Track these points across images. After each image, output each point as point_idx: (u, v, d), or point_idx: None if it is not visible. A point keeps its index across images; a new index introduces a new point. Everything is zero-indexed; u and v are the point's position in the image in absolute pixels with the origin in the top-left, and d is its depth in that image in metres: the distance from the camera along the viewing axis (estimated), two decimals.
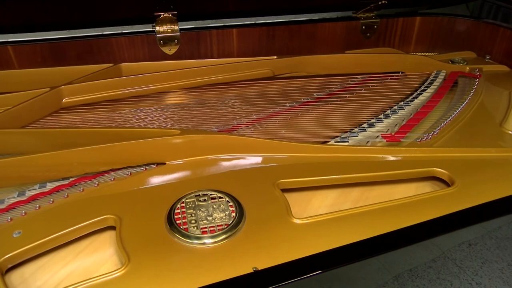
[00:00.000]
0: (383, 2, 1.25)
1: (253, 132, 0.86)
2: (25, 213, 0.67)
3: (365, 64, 1.10)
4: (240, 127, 0.88)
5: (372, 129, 0.88)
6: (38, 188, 0.72)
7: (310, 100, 0.99)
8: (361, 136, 0.85)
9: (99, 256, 0.64)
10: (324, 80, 1.07)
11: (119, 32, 1.17)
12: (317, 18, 1.33)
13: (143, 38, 1.16)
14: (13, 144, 0.80)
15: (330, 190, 0.76)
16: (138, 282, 0.57)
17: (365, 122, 0.90)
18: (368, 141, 0.84)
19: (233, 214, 0.66)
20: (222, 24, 1.18)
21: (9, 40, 1.11)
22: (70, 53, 1.13)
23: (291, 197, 0.72)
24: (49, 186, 0.73)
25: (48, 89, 0.93)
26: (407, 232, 0.61)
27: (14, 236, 0.63)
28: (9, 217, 0.66)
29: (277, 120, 0.91)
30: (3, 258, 0.59)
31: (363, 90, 1.04)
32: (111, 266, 0.62)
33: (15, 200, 0.70)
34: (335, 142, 0.83)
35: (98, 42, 1.14)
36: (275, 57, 1.07)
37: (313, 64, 1.10)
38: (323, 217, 0.66)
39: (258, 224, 0.65)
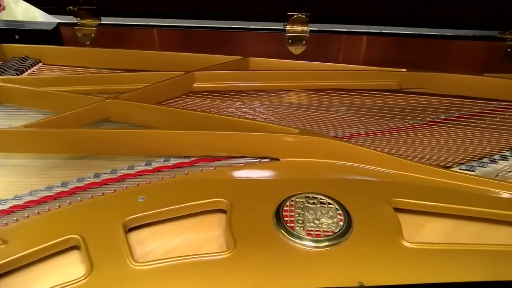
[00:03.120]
0: None
1: (370, 144, 0.84)
2: (149, 181, 0.74)
3: (505, 90, 1.00)
4: (357, 137, 0.86)
5: (505, 163, 0.79)
6: (163, 162, 0.79)
7: (436, 120, 0.93)
8: (490, 168, 0.78)
9: (205, 235, 0.68)
10: (454, 101, 1.00)
11: (251, 27, 1.22)
12: (450, 34, 1.24)
13: (272, 35, 1.19)
14: (145, 117, 0.88)
15: (446, 219, 0.70)
16: (239, 268, 0.59)
17: (497, 154, 0.82)
18: (497, 175, 0.77)
19: (341, 223, 0.65)
20: (354, 30, 1.16)
21: (155, 24, 1.22)
22: (204, 42, 1.22)
23: (403, 218, 0.68)
24: (172, 161, 0.79)
25: (182, 72, 1.00)
26: None
27: (139, 200, 0.69)
28: (136, 183, 0.73)
29: (398, 136, 0.87)
30: (128, 218, 0.65)
31: (498, 118, 0.95)
32: (216, 247, 0.65)
33: (143, 169, 0.77)
34: (459, 169, 0.77)
35: (230, 34, 1.21)
36: (404, 70, 1.03)
37: (444, 82, 1.03)
38: (436, 246, 0.62)
39: (365, 239, 0.63)
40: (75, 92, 0.94)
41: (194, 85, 1.00)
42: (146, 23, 1.22)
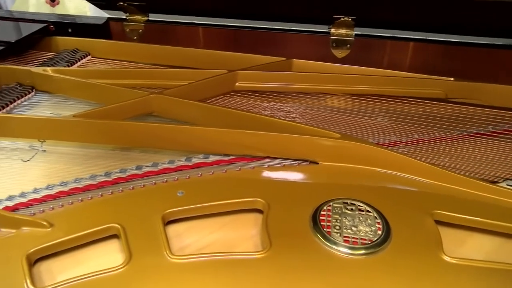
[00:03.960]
0: None
1: (412, 153, 0.81)
2: (189, 177, 0.75)
3: None
4: (399, 145, 0.84)
5: None
6: (202, 158, 0.80)
7: (483, 132, 0.90)
8: None
9: (241, 234, 0.68)
10: (503, 113, 0.96)
11: (295, 28, 1.21)
12: (501, 43, 1.19)
13: (316, 38, 1.18)
14: (187, 114, 0.89)
15: (490, 236, 0.68)
16: (273, 269, 0.59)
17: None
18: None
19: (379, 232, 0.63)
20: (400, 36, 1.14)
21: (201, 22, 1.24)
22: (247, 42, 1.22)
23: (444, 232, 0.66)
24: (212, 158, 0.80)
25: (225, 71, 1.01)
26: None
27: (178, 194, 0.71)
28: (176, 177, 0.75)
29: (442, 146, 0.85)
30: (167, 211, 0.67)
31: None
32: (251, 246, 0.65)
33: (183, 164, 0.79)
34: (507, 185, 0.74)
35: (274, 35, 1.21)
36: (452, 79, 0.99)
37: (494, 93, 0.99)
38: (479, 263, 0.60)
39: (403, 250, 0.62)
40: (121, 86, 0.97)
41: (236, 84, 1.01)
42: (192, 21, 1.24)
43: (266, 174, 0.76)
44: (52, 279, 0.60)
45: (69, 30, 1.24)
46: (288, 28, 1.22)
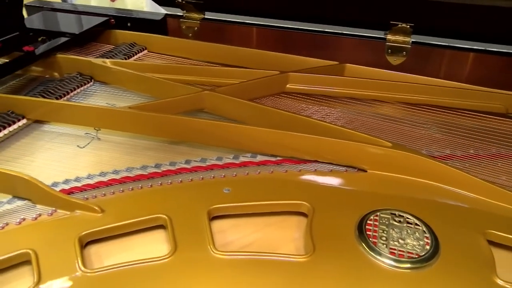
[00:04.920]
0: None
1: (467, 168, 0.78)
2: (235, 174, 0.76)
3: None
4: (453, 158, 0.81)
5: None
6: (250, 157, 0.81)
7: None
8: None
9: (284, 235, 0.68)
10: None
11: (349, 32, 1.20)
12: None
13: (371, 43, 1.16)
14: (238, 112, 0.90)
15: None
16: (314, 274, 0.59)
17: None
18: None
19: (427, 247, 0.61)
20: (460, 46, 1.10)
21: (255, 22, 1.25)
22: (301, 44, 1.22)
23: (497, 253, 0.63)
24: (259, 158, 0.80)
25: (277, 72, 1.01)
26: None
27: (225, 191, 0.72)
28: (223, 174, 0.76)
29: (499, 163, 0.81)
30: (213, 207, 0.68)
31: None
32: (293, 249, 0.65)
33: (230, 161, 0.80)
34: None
35: (327, 39, 1.20)
36: None
37: None
38: None
39: (452, 268, 0.59)
40: (175, 81, 0.99)
41: (287, 86, 1.01)
42: (246, 21, 1.25)
43: (313, 178, 0.76)
44: (100, 263, 0.63)
45: (128, 24, 1.29)
46: (342, 32, 1.20)
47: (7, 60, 1.10)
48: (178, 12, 1.30)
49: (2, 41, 1.10)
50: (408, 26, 1.08)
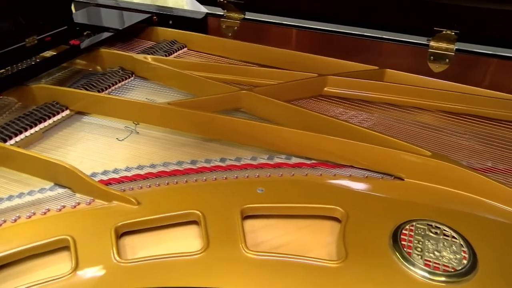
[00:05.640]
0: None
1: (509, 183, 0.75)
2: (269, 175, 0.76)
3: None
4: (495, 172, 0.78)
5: None
6: (284, 158, 0.80)
7: None
8: None
9: (316, 239, 0.67)
10: None
11: (390, 37, 1.17)
12: None
13: (412, 49, 1.13)
14: (275, 113, 0.90)
15: None
16: (345, 281, 0.58)
17: None
18: None
19: (464, 261, 0.59)
20: (507, 55, 1.05)
21: (295, 24, 1.25)
22: (339, 47, 1.21)
23: None
24: (294, 160, 0.80)
25: (315, 74, 1.01)
26: None
27: (258, 191, 0.72)
28: (257, 174, 0.76)
29: None
30: (246, 206, 0.68)
31: None
32: (324, 254, 0.64)
33: (264, 162, 0.80)
34: None
35: (367, 43, 1.18)
36: None
37: None
38: None
39: (489, 285, 0.57)
40: (213, 79, 1.00)
41: (325, 89, 1.00)
42: (286, 22, 1.25)
43: (347, 183, 0.75)
44: (133, 254, 0.64)
45: (170, 22, 1.31)
46: (383, 36, 1.18)
47: (55, 53, 1.14)
48: (219, 11, 1.32)
49: (51, 35, 1.14)
50: (453, 33, 1.05)
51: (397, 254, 0.61)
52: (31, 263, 0.64)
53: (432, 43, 1.09)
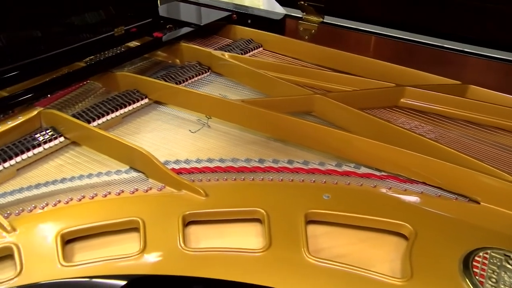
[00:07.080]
0: None
1: None
2: (336, 182, 0.75)
3: None
4: None
5: None
6: (353, 167, 0.79)
7: None
8: None
9: (379, 254, 0.65)
10: None
11: (477, 52, 1.11)
12: None
13: (501, 66, 1.06)
14: (347, 120, 0.89)
15: None
16: None
17: None
18: None
19: None
20: None
21: (374, 31, 1.22)
22: (420, 58, 1.16)
23: None
24: (363, 170, 0.78)
25: (392, 84, 0.98)
26: None
27: (324, 197, 0.71)
28: (324, 180, 0.75)
29: None
30: (311, 210, 0.68)
31: None
32: (387, 270, 0.62)
33: (332, 168, 0.79)
34: None
35: (450, 56, 1.12)
36: None
37: None
38: None
39: None
40: (286, 81, 1.00)
41: (401, 100, 0.97)
42: (365, 28, 1.23)
43: (418, 200, 0.72)
44: (197, 243, 0.66)
45: (249, 21, 1.33)
46: (467, 50, 1.12)
47: (138, 44, 1.21)
48: (297, 13, 1.32)
49: (137, 26, 1.21)
50: None
51: (467, 280, 0.57)
52: (102, 239, 0.67)
53: None
